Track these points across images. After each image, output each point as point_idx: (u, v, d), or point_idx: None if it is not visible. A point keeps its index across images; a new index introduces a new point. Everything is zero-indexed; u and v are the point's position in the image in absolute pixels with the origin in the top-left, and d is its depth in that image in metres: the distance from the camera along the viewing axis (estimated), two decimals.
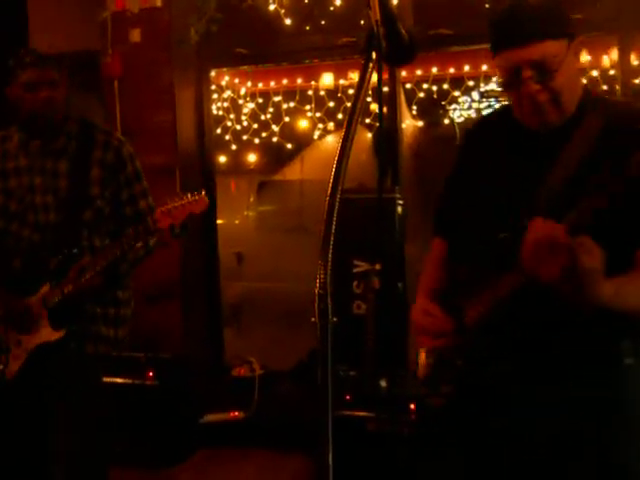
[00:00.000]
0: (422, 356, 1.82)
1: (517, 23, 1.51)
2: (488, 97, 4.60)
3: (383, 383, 3.49)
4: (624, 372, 1.58)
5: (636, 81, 4.08)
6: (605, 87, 4.99)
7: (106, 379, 3.77)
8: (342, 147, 0.93)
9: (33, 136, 2.57)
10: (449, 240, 1.91)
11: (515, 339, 1.60)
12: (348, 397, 3.38)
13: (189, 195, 2.35)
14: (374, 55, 1.01)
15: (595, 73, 5.10)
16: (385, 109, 4.38)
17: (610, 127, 1.50)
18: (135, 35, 4.39)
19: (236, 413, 4.15)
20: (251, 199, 6.91)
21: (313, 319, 0.94)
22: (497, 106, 4.52)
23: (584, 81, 4.77)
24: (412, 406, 3.27)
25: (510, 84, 1.55)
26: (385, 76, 4.53)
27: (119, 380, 3.89)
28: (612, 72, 4.83)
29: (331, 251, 0.92)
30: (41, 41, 4.12)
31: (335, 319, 0.91)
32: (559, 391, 1.58)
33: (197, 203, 2.34)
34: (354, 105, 0.97)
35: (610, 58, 4.89)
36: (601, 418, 1.57)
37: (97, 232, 2.56)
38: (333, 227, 0.92)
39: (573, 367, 1.57)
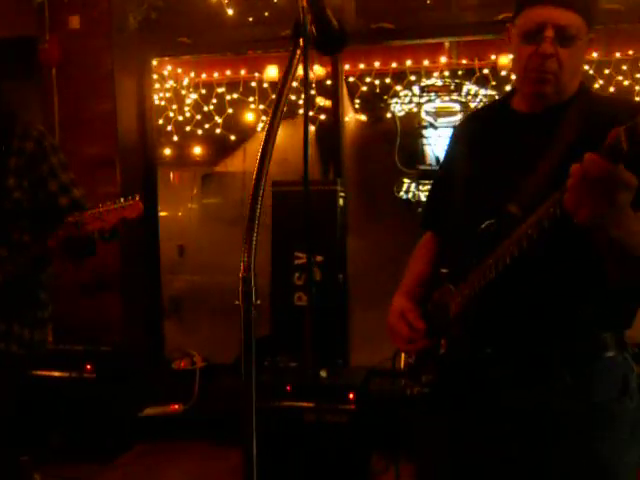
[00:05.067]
0: (403, 356, 1.86)
1: None
2: (428, 91, 4.67)
3: (323, 373, 3.51)
4: (604, 362, 1.59)
5: None
6: None
7: (43, 372, 3.76)
8: (268, 132, 0.93)
9: None
10: (439, 233, 1.92)
11: (498, 326, 1.61)
12: (289, 388, 3.39)
13: (122, 199, 2.26)
14: (301, 42, 1.02)
15: None
16: (328, 102, 4.40)
17: (595, 118, 1.52)
18: (74, 21, 4.29)
19: (176, 406, 4.13)
20: (194, 191, 6.83)
21: (237, 302, 0.94)
22: (438, 101, 4.59)
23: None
24: (351, 396, 3.31)
25: (529, 38, 1.57)
26: (328, 69, 4.56)
27: (57, 373, 3.83)
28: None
29: (256, 234, 0.92)
30: None
31: (259, 302, 0.92)
32: (540, 378, 1.59)
33: (131, 208, 2.25)
34: (280, 92, 0.98)
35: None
36: (580, 408, 1.57)
37: (16, 226, 2.41)
38: (258, 211, 0.92)
39: (554, 356, 1.58)
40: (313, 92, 5.20)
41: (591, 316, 1.57)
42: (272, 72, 5.53)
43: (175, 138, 5.76)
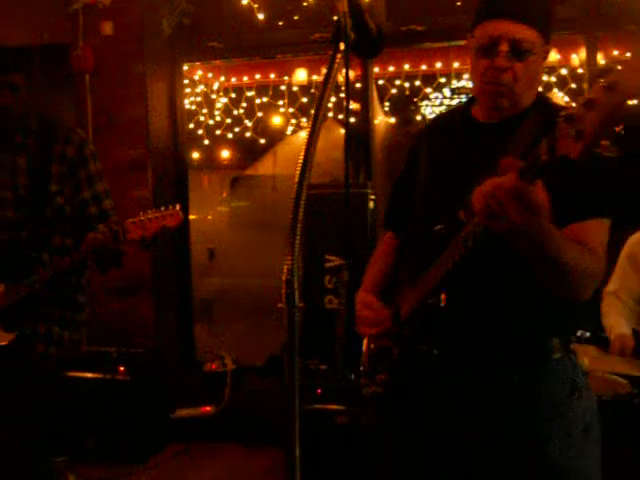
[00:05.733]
0: (365, 345, 1.89)
1: (517, 0, 1.59)
2: (459, 94, 4.65)
3: (354, 376, 3.51)
4: (550, 364, 1.61)
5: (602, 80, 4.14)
6: (573, 85, 5.07)
7: (76, 374, 3.80)
8: (310, 135, 0.94)
9: None
10: (398, 234, 1.97)
11: (444, 329, 1.64)
12: (319, 391, 3.40)
13: (162, 208, 2.32)
14: (342, 46, 1.02)
15: (564, 71, 5.17)
16: (357, 105, 4.40)
17: (549, 128, 1.55)
18: (107, 28, 4.35)
19: (208, 408, 4.16)
20: (224, 194, 6.88)
21: (280, 304, 0.95)
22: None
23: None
24: None
25: (484, 52, 1.60)
26: (358, 72, 4.56)
27: (90, 375, 3.87)
28: (580, 71, 4.91)
29: (298, 238, 0.93)
30: (10, 34, 4.06)
31: (302, 304, 0.92)
32: (487, 382, 1.62)
33: (171, 217, 2.31)
34: (321, 96, 0.98)
35: (579, 57, 4.97)
36: (528, 411, 1.60)
37: (58, 231, 2.47)
38: (300, 214, 0.93)
39: (501, 359, 1.61)
40: (343, 95, 5.21)
41: (535, 321, 1.60)
42: (301, 75, 5.56)
43: (206, 142, 5.81)
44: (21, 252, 2.39)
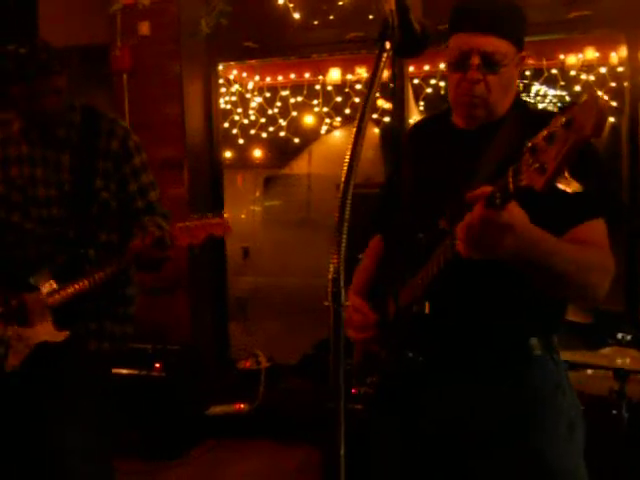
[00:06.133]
0: (356, 349, 1.90)
1: (486, 13, 1.60)
2: None
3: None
4: (533, 363, 1.63)
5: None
6: (613, 84, 4.99)
7: (113, 370, 3.83)
8: (357, 131, 0.94)
9: (34, 124, 2.43)
10: (384, 238, 1.99)
11: (429, 335, 1.65)
12: (354, 390, 3.39)
13: (210, 215, 2.28)
14: (387, 45, 1.03)
15: (603, 70, 5.10)
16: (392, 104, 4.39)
17: (526, 133, 1.55)
18: (144, 28, 4.40)
19: (242, 405, 4.18)
20: (257, 193, 6.92)
21: (326, 303, 0.95)
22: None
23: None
24: None
25: (457, 65, 1.62)
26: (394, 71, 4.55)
27: (126, 371, 3.91)
28: (620, 69, 4.83)
29: (345, 237, 0.93)
30: (50, 34, 4.13)
31: (348, 302, 0.93)
32: (471, 383, 1.63)
33: (219, 226, 2.27)
34: (367, 95, 0.99)
35: (618, 55, 4.90)
36: (515, 410, 1.61)
37: (104, 227, 2.45)
38: (347, 213, 0.93)
39: (485, 362, 1.63)
40: (377, 94, 5.20)
41: (517, 324, 1.62)
42: (335, 75, 5.57)
43: (240, 141, 5.84)
44: (68, 249, 2.39)
